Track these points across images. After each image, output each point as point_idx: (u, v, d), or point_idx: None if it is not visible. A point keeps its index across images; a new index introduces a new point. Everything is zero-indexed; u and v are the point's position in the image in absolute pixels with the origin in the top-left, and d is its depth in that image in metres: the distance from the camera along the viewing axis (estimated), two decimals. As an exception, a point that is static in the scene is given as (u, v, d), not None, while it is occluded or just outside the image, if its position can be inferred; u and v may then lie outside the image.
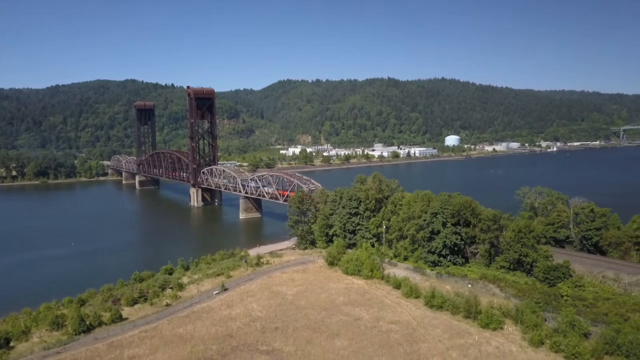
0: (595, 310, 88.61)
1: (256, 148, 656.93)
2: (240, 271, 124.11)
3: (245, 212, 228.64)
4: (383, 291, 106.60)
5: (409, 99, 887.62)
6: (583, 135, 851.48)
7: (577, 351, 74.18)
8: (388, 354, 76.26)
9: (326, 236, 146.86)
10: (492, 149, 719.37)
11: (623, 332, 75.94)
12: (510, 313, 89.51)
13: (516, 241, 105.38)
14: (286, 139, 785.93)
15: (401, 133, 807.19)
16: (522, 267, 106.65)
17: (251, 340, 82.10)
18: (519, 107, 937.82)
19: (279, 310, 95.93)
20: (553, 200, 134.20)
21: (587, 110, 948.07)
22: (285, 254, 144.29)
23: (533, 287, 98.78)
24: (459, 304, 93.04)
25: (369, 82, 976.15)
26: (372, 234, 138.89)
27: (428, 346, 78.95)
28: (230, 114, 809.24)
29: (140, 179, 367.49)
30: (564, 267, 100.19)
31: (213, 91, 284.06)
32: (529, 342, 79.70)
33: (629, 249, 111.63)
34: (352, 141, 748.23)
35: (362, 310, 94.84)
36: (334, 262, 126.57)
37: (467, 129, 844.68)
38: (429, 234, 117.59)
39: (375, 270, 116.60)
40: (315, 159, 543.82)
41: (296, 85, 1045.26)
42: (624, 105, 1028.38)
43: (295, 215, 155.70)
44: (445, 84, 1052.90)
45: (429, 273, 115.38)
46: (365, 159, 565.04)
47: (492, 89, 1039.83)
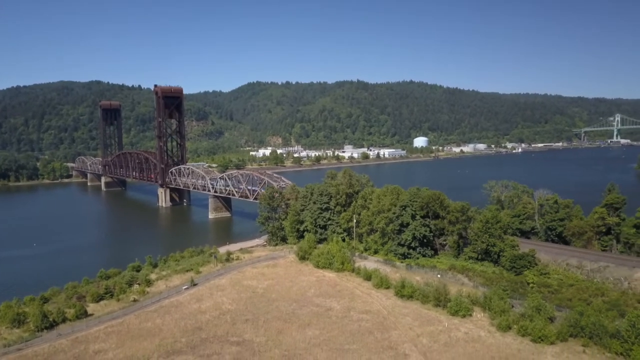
0: (559, 296, 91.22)
1: (225, 150, 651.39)
2: (209, 267, 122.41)
3: (215, 212, 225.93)
4: (354, 283, 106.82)
5: (378, 102, 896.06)
6: (546, 137, 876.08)
7: (543, 334, 75.91)
8: (359, 341, 76.38)
9: (297, 232, 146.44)
10: (459, 150, 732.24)
11: (586, 315, 78.16)
12: (478, 301, 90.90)
13: (484, 232, 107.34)
14: (256, 140, 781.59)
15: (371, 135, 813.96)
16: (490, 257, 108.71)
17: (221, 332, 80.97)
18: (485, 110, 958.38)
19: (249, 303, 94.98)
20: (519, 194, 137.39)
21: (550, 113, 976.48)
22: (256, 250, 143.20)
23: (500, 276, 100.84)
24: (428, 293, 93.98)
25: (339, 85, 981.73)
26: (343, 228, 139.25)
27: (399, 333, 79.43)
28: (199, 115, 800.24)
29: (106, 180, 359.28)
30: (530, 256, 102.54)
31: (181, 90, 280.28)
32: (496, 327, 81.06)
33: (591, 238, 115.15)
34: (322, 143, 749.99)
35: (333, 301, 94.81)
36: (305, 257, 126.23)
37: (435, 131, 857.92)
38: (398, 227, 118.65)
39: (346, 263, 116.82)
40: (286, 160, 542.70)
41: (266, 87, 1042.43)
42: (585, 108, 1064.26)
43: (266, 212, 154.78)
44: (414, 87, 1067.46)
45: (399, 265, 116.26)
46: (335, 160, 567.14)
47: (459, 91, 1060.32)
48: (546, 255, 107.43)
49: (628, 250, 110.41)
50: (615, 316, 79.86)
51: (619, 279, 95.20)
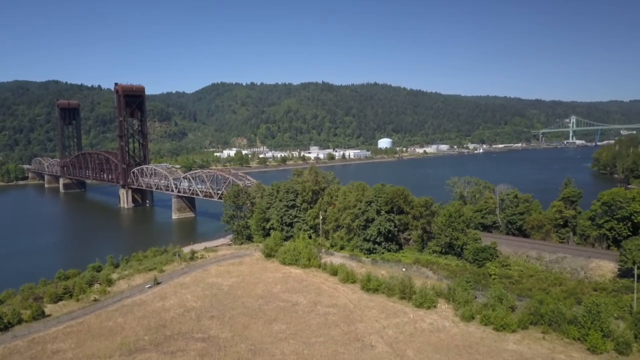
0: (520, 286, 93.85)
1: (189, 151, 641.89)
2: (173, 266, 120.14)
3: (179, 212, 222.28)
4: (320, 278, 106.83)
5: (343, 103, 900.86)
6: (507, 138, 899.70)
7: (504, 323, 77.82)
8: (326, 334, 76.41)
9: (263, 230, 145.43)
10: (423, 151, 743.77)
11: (545, 303, 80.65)
12: (442, 292, 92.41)
13: (447, 226, 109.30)
14: (221, 141, 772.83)
15: (336, 136, 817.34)
16: (453, 250, 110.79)
17: (186, 329, 79.55)
18: (447, 111, 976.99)
19: (214, 300, 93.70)
20: (480, 189, 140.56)
21: (509, 115, 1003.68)
22: (221, 249, 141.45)
23: (464, 268, 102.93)
24: (394, 286, 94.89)
25: (304, 86, 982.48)
26: (309, 225, 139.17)
27: (365, 326, 79.88)
28: (162, 116, 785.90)
29: (65, 181, 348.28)
30: (492, 249, 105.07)
31: (143, 88, 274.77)
32: (460, 318, 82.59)
33: (549, 231, 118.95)
34: (288, 144, 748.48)
35: (299, 297, 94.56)
36: (271, 254, 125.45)
37: (399, 132, 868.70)
38: (364, 222, 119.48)
39: (313, 259, 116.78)
40: (251, 161, 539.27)
41: (230, 88, 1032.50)
42: (542, 110, 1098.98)
43: (231, 210, 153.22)
44: (378, 89, 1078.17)
45: (364, 260, 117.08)
46: (301, 161, 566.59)
47: (422, 93, 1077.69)
48: (507, 248, 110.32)
49: (584, 242, 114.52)
50: (572, 304, 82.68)
51: (576, 269, 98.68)
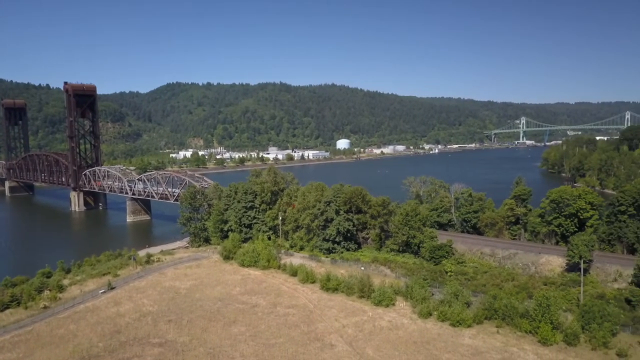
0: (475, 282, 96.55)
1: (144, 152, 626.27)
2: (128, 270, 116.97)
3: (133, 215, 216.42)
4: (280, 279, 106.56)
5: (301, 104, 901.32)
6: (461, 138, 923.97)
7: (460, 318, 79.93)
8: (286, 335, 76.26)
9: (221, 232, 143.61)
10: (380, 152, 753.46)
11: (499, 298, 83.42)
12: (400, 290, 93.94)
13: (404, 224, 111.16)
14: (176, 142, 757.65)
15: (295, 137, 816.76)
16: (410, 248, 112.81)
17: (142, 334, 77.58)
18: (403, 113, 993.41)
19: (172, 303, 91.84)
20: (436, 188, 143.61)
21: (463, 116, 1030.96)
22: (178, 252, 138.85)
23: (421, 266, 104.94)
24: (353, 285, 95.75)
25: (262, 87, 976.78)
26: (269, 226, 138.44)
27: (325, 325, 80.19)
28: (115, 117, 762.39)
29: (11, 184, 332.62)
30: (447, 247, 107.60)
31: (94, 88, 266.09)
32: (418, 315, 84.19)
33: (502, 228, 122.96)
34: (246, 145, 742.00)
35: (259, 298, 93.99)
36: (229, 256, 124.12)
37: (357, 133, 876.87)
38: (323, 223, 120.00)
39: (272, 260, 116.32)
40: (209, 162, 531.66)
41: (186, 88, 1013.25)
42: (494, 111, 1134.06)
43: (188, 212, 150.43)
44: (335, 90, 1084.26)
45: (324, 260, 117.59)
46: (260, 162, 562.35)
47: (379, 95, 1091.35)
48: (462, 245, 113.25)
49: (534, 238, 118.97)
50: (524, 298, 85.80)
51: (527, 264, 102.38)
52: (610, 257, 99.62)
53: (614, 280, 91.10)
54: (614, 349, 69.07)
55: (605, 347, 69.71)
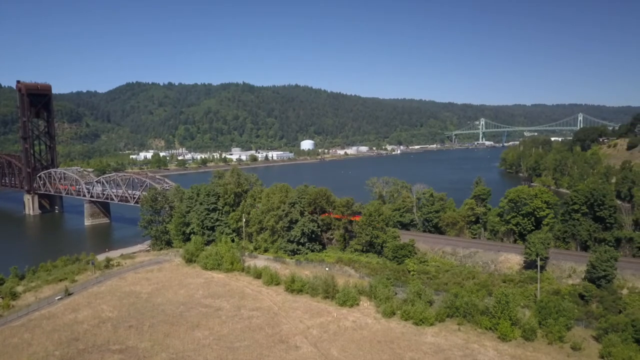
0: (437, 281, 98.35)
1: (103, 154, 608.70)
2: (86, 275, 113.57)
3: (92, 218, 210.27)
4: (244, 282, 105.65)
5: (264, 104, 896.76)
6: (422, 139, 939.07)
7: (423, 317, 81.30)
8: (250, 338, 75.66)
9: (183, 235, 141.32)
10: (344, 153, 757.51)
11: (460, 296, 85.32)
12: (364, 290, 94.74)
13: (367, 224, 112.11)
14: (137, 143, 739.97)
15: (258, 137, 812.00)
16: (374, 248, 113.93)
17: (101, 341, 75.39)
18: (366, 114, 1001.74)
19: (132, 309, 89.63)
20: (398, 189, 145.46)
21: (425, 117, 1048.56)
22: (139, 256, 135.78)
23: (384, 266, 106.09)
24: (317, 286, 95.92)
25: (224, 87, 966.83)
26: (232, 228, 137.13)
27: (289, 327, 79.99)
28: (72, 117, 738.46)
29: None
30: (410, 246, 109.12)
31: (49, 87, 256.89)
32: (382, 314, 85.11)
33: (463, 228, 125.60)
34: (208, 145, 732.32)
35: (222, 301, 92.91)
36: (192, 259, 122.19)
37: (321, 134, 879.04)
38: (287, 224, 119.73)
39: (236, 263, 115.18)
40: (170, 164, 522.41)
41: (146, 88, 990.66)
42: (455, 112, 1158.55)
43: (149, 215, 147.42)
44: (299, 91, 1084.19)
45: (288, 261, 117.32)
46: (223, 163, 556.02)
47: (343, 96, 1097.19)
48: (424, 245, 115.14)
49: (494, 237, 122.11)
50: (484, 295, 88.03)
51: (487, 262, 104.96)
52: (565, 254, 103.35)
53: (569, 277, 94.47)
54: (568, 342, 71.73)
55: (560, 341, 72.31)
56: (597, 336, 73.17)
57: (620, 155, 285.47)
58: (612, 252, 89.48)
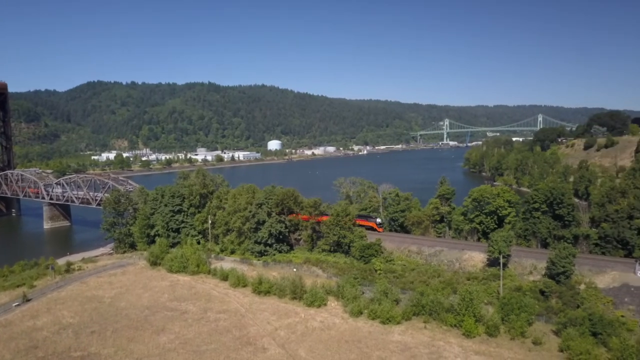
0: (403, 279, 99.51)
1: (63, 154, 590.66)
2: (46, 280, 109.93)
3: (51, 221, 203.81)
4: (210, 284, 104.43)
5: (230, 104, 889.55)
6: (388, 140, 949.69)
7: (390, 316, 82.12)
8: (217, 341, 74.84)
9: (147, 237, 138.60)
10: (311, 153, 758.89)
11: (425, 294, 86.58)
12: (332, 290, 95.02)
13: (335, 224, 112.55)
14: (99, 144, 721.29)
15: (224, 138, 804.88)
16: (341, 248, 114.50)
17: (62, 348, 73.11)
18: (333, 114, 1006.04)
19: (95, 314, 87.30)
20: (365, 189, 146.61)
21: (390, 118, 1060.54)
22: (101, 259, 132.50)
23: (351, 265, 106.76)
24: (285, 287, 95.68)
25: (189, 86, 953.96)
26: (198, 230, 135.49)
27: (257, 329, 79.52)
28: (29, 117, 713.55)
29: None
30: (377, 245, 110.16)
31: (5, 85, 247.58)
32: (349, 314, 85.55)
33: (428, 227, 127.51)
34: (173, 146, 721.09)
35: (188, 304, 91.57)
36: (156, 262, 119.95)
37: (288, 134, 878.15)
38: (254, 225, 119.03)
39: (202, 265, 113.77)
40: (133, 164, 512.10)
41: (108, 87, 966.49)
42: (420, 113, 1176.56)
43: (111, 217, 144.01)
44: (266, 91, 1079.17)
45: (255, 263, 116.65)
46: (188, 163, 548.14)
47: (309, 96, 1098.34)
48: (391, 244, 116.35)
49: (458, 235, 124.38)
50: (449, 293, 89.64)
51: (452, 261, 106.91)
52: (527, 251, 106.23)
53: (530, 273, 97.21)
54: (530, 337, 73.80)
55: (522, 336, 74.33)
56: (557, 330, 75.55)
57: (578, 154, 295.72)
58: (570, 249, 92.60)
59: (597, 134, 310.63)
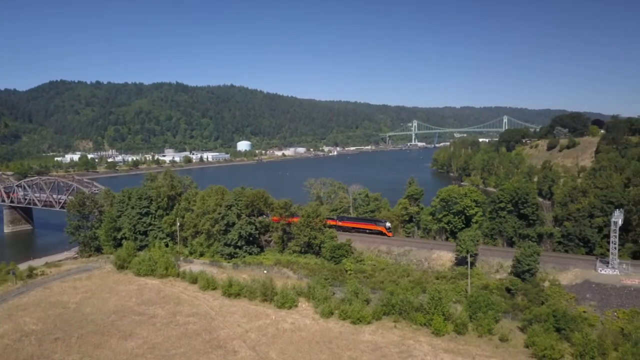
0: (373, 279, 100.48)
1: (24, 156, 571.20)
2: (6, 286, 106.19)
3: (12, 225, 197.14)
4: (179, 287, 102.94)
5: (199, 105, 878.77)
6: (358, 141, 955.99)
7: (360, 316, 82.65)
8: (187, 345, 73.82)
9: (114, 240, 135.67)
10: (281, 154, 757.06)
11: (395, 294, 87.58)
12: (303, 291, 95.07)
13: (306, 225, 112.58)
14: (62, 145, 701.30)
15: (193, 138, 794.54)
16: (312, 249, 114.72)
17: (24, 356, 70.78)
18: (303, 115, 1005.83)
19: (59, 320, 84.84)
20: (335, 190, 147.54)
21: (360, 119, 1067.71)
22: (66, 264, 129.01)
23: (322, 266, 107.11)
24: (255, 289, 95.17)
25: (156, 87, 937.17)
26: (166, 233, 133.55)
27: (227, 332, 78.81)
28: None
29: None
30: (347, 246, 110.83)
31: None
32: (320, 315, 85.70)
33: (397, 227, 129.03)
34: (140, 147, 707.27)
35: (157, 308, 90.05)
36: (124, 266, 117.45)
37: (258, 135, 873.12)
38: (224, 227, 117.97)
39: (171, 268, 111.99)
40: (99, 166, 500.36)
41: (72, 87, 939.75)
42: (388, 114, 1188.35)
43: (76, 220, 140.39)
44: (235, 91, 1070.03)
45: (225, 265, 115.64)
46: (155, 165, 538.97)
47: (279, 97, 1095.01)
48: (361, 244, 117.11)
49: (427, 235, 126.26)
50: (418, 292, 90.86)
51: (421, 260, 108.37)
52: (493, 250, 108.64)
53: (496, 272, 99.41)
54: (497, 334, 75.48)
55: (489, 333, 75.95)
56: (523, 327, 77.49)
57: (541, 155, 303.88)
58: (534, 247, 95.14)
59: (560, 135, 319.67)
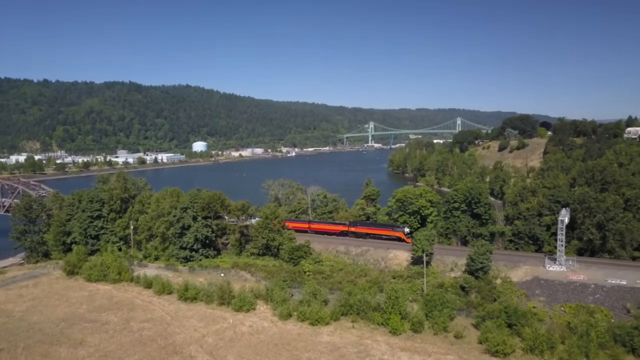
0: (332, 280, 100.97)
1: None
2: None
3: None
4: (133, 292, 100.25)
5: (153, 105, 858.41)
6: (316, 142, 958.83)
7: (319, 317, 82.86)
8: (141, 351, 71.88)
9: (63, 245, 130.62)
10: (238, 155, 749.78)
11: (353, 294, 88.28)
12: (261, 294, 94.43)
13: (264, 227, 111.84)
14: (7, 146, 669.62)
15: (147, 139, 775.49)
16: (270, 251, 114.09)
17: (-35, 369, 67.16)
18: (260, 116, 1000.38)
19: (3, 330, 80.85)
20: (294, 191, 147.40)
21: (317, 120, 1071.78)
22: (10, 270, 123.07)
23: (280, 268, 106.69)
24: (212, 293, 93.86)
25: (108, 86, 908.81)
26: (119, 236, 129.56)
27: (183, 337, 77.26)
28: None
29: None
30: (305, 247, 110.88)
31: None
32: (279, 317, 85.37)
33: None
34: (91, 148, 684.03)
35: (109, 315, 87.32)
36: (74, 271, 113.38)
37: (214, 136, 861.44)
38: (179, 230, 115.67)
39: (124, 273, 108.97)
40: (47, 168, 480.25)
41: (17, 85, 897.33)
42: (346, 116, 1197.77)
43: (22, 225, 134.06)
44: (190, 91, 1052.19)
45: (181, 269, 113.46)
46: (107, 166, 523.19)
47: (236, 97, 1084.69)
48: (319, 245, 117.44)
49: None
50: (376, 292, 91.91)
51: (378, 260, 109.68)
52: (448, 249, 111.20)
53: (451, 270, 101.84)
54: (452, 332, 77.30)
55: (445, 331, 77.72)
56: (476, 324, 79.65)
57: (493, 156, 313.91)
58: (487, 245, 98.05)
59: (510, 136, 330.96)
